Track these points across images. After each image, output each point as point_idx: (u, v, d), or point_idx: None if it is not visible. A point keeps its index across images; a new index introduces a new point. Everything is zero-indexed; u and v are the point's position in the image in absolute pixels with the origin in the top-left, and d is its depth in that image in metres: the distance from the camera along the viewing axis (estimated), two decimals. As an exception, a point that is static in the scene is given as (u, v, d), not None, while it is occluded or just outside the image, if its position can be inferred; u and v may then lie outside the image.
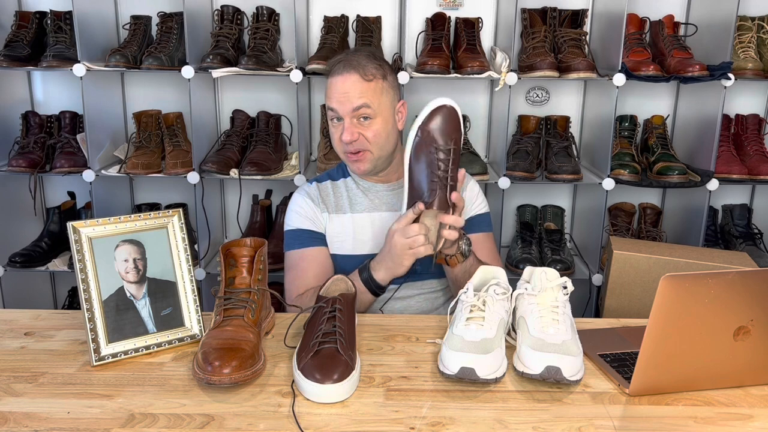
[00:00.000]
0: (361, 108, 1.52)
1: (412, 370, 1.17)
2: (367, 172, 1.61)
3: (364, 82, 1.54)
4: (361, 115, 1.53)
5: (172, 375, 1.15)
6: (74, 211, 2.53)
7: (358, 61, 1.56)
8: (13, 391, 1.09)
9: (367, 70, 1.54)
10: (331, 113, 1.57)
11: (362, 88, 1.53)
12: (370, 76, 1.54)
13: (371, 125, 1.54)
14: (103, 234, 1.22)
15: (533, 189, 2.58)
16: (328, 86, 1.58)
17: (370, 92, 1.54)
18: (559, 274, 1.23)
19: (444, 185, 1.38)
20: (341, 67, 1.55)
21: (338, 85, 1.54)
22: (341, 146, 1.57)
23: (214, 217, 2.49)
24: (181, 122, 2.43)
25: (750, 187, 2.58)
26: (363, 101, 1.52)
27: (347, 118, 1.53)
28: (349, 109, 1.53)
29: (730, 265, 1.66)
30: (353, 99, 1.52)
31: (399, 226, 1.43)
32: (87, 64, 2.19)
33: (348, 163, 1.61)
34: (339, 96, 1.53)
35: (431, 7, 2.44)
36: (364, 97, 1.53)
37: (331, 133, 1.60)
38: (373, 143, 1.55)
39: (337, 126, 1.57)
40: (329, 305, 1.18)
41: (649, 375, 1.07)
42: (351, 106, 1.52)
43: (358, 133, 1.53)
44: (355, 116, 1.53)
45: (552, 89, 2.53)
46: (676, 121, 2.53)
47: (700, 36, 2.37)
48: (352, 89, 1.53)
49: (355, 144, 1.54)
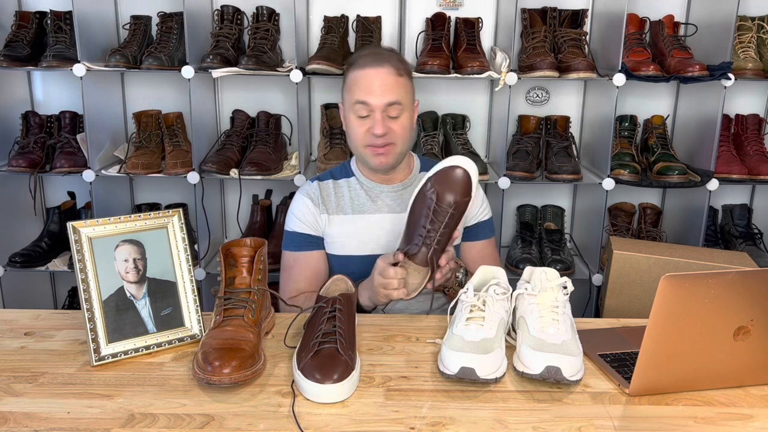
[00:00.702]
0: (393, 103, 1.54)
1: (412, 370, 1.17)
2: (389, 167, 1.61)
3: (395, 77, 1.55)
4: (391, 111, 1.54)
5: (172, 375, 1.15)
6: (74, 211, 2.53)
7: (389, 55, 1.57)
8: (13, 391, 1.09)
9: (398, 66, 1.56)
10: (359, 107, 1.55)
11: (394, 83, 1.55)
12: (401, 72, 1.56)
13: (399, 120, 1.56)
14: (103, 234, 1.22)
15: (533, 189, 2.58)
16: (354, 79, 1.56)
17: (400, 87, 1.56)
18: (559, 274, 1.23)
19: (429, 244, 1.36)
20: (371, 61, 1.56)
21: (370, 78, 1.54)
22: (366, 140, 1.56)
23: (214, 217, 2.49)
24: (181, 122, 2.43)
25: (750, 187, 2.58)
26: (396, 97, 1.54)
27: (378, 112, 1.53)
28: (383, 103, 1.53)
29: (730, 265, 1.66)
30: (387, 93, 1.53)
31: (382, 264, 1.42)
32: (87, 64, 2.19)
33: (370, 158, 1.59)
34: (373, 89, 1.53)
35: (431, 7, 2.44)
36: (396, 93, 1.54)
37: (353, 128, 1.58)
38: (400, 137, 1.57)
39: (362, 120, 1.56)
40: (329, 305, 1.18)
41: (649, 375, 1.07)
42: (385, 101, 1.53)
43: (388, 127, 1.54)
44: (386, 111, 1.54)
45: (552, 89, 2.53)
46: (676, 121, 2.53)
47: (700, 36, 2.37)
48: (386, 83, 1.53)
49: (385, 137, 1.54)
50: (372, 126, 1.54)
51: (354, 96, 1.56)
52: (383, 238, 1.61)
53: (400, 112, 1.56)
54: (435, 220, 1.35)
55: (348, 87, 1.59)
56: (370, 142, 1.56)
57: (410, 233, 1.39)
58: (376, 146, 1.56)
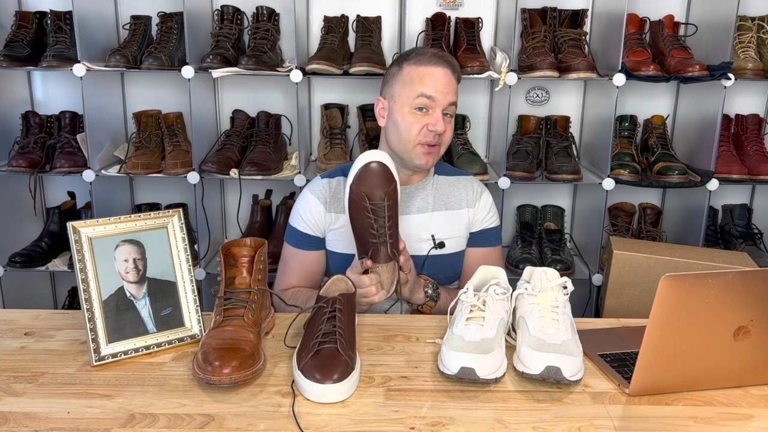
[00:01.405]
0: (452, 105, 1.57)
1: (412, 370, 1.17)
2: (429, 168, 1.63)
3: (454, 82, 1.59)
4: (448, 112, 1.58)
5: (172, 375, 1.15)
6: (74, 211, 2.53)
7: (450, 58, 1.60)
8: (13, 391, 1.09)
9: (458, 69, 1.61)
10: (422, 100, 1.54)
11: (455, 86, 1.59)
12: (458, 77, 1.61)
13: (450, 124, 1.60)
14: (103, 234, 1.22)
15: (533, 189, 2.58)
16: (417, 74, 1.56)
17: (456, 93, 1.60)
18: (559, 274, 1.23)
19: (384, 241, 1.39)
20: (436, 59, 1.57)
21: (438, 76, 1.55)
22: (418, 136, 1.55)
23: (214, 217, 2.49)
24: (181, 122, 2.43)
25: (750, 187, 2.58)
26: (455, 98, 1.58)
27: (439, 110, 1.55)
28: (446, 102, 1.56)
29: (730, 265, 1.66)
30: (450, 94, 1.56)
31: (354, 276, 1.43)
32: (87, 64, 2.19)
33: (418, 155, 1.57)
34: (441, 87, 1.55)
35: (431, 7, 2.44)
36: (456, 95, 1.59)
37: (407, 122, 1.56)
38: (447, 140, 1.61)
39: (419, 116, 1.55)
40: (329, 305, 1.18)
41: (649, 375, 1.07)
42: (448, 101, 1.56)
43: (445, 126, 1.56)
44: (445, 111, 1.56)
45: (552, 89, 2.53)
46: (676, 121, 2.52)
47: (700, 36, 2.37)
48: (450, 85, 1.57)
49: (440, 137, 1.56)
50: (431, 123, 1.54)
51: (417, 89, 1.54)
52: None
53: (452, 116, 1.60)
54: (377, 218, 1.38)
55: (407, 81, 1.57)
56: (424, 140, 1.55)
57: (363, 240, 1.41)
58: (429, 144, 1.56)
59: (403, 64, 1.59)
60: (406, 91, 1.56)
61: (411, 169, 1.63)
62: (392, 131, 1.60)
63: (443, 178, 1.71)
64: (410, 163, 1.60)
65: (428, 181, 1.69)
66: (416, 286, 1.53)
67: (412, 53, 1.61)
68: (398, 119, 1.57)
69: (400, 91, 1.57)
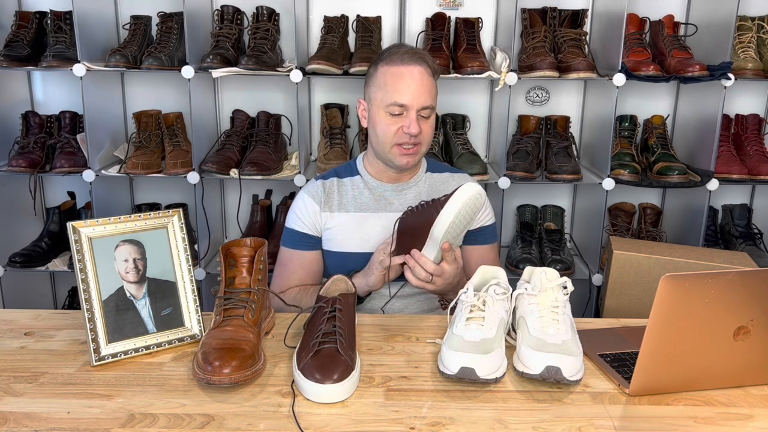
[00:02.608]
0: (427, 108, 1.55)
1: (412, 370, 1.17)
2: (411, 167, 1.62)
3: (430, 78, 1.56)
4: (424, 114, 1.55)
5: (172, 375, 1.15)
6: (74, 211, 2.53)
7: (423, 54, 1.57)
8: (13, 391, 1.09)
9: (433, 66, 1.57)
10: (394, 107, 1.53)
11: (430, 85, 1.55)
12: (434, 72, 1.57)
13: (429, 122, 1.57)
14: (103, 234, 1.22)
15: (533, 189, 2.58)
16: (390, 76, 1.54)
17: (434, 89, 1.57)
18: (559, 274, 1.23)
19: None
20: (408, 58, 1.54)
21: (408, 76, 1.53)
22: (395, 138, 1.55)
23: (214, 217, 2.49)
24: (181, 122, 2.43)
25: (750, 187, 2.58)
26: (431, 100, 1.55)
27: (413, 113, 1.53)
28: (420, 104, 1.53)
29: (730, 265, 1.66)
30: (424, 95, 1.53)
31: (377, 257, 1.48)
32: (87, 64, 2.19)
33: (396, 156, 1.58)
34: (411, 88, 1.52)
35: (431, 7, 2.44)
36: (431, 95, 1.55)
37: (383, 124, 1.56)
38: (427, 138, 1.58)
39: (394, 118, 1.54)
40: (329, 305, 1.18)
41: (649, 375, 1.07)
42: (422, 103, 1.53)
43: (419, 127, 1.54)
44: (420, 112, 1.54)
45: (552, 89, 2.53)
46: (676, 121, 2.52)
47: (700, 36, 2.37)
48: (423, 84, 1.54)
49: (417, 137, 1.55)
50: (405, 125, 1.53)
51: (389, 95, 1.53)
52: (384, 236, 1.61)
53: (430, 115, 1.57)
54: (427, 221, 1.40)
55: (380, 83, 1.55)
56: (400, 141, 1.55)
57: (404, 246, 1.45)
58: (406, 145, 1.55)
59: (378, 64, 1.58)
60: (381, 95, 1.55)
61: (395, 168, 1.62)
62: (372, 132, 1.62)
63: (436, 176, 1.71)
64: (391, 164, 1.61)
65: (420, 179, 1.69)
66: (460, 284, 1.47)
67: (386, 53, 1.59)
68: (375, 121, 1.58)
69: (375, 94, 1.57)
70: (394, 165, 1.60)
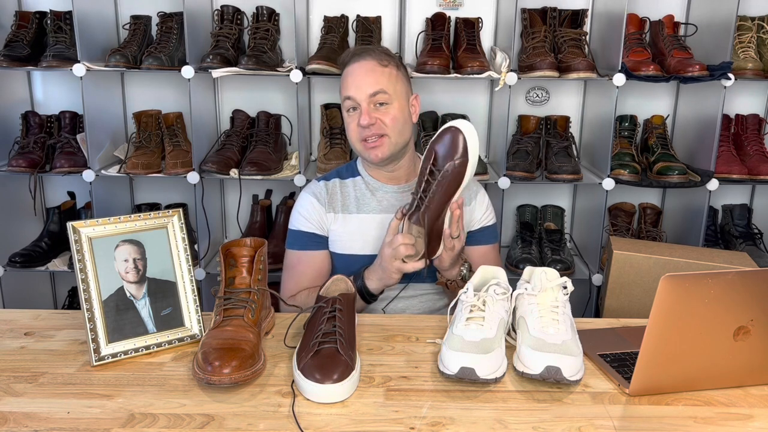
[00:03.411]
0: (378, 94, 1.54)
1: (412, 370, 1.16)
2: (385, 160, 1.59)
3: (379, 67, 1.56)
4: (378, 101, 1.55)
5: (172, 375, 1.15)
6: (74, 211, 2.53)
7: (372, 49, 1.59)
8: (13, 391, 1.09)
9: (381, 57, 1.57)
10: (348, 102, 1.57)
11: (378, 74, 1.55)
12: (385, 62, 1.57)
13: (388, 110, 1.56)
14: (103, 234, 1.22)
15: (533, 189, 2.58)
16: (343, 77, 1.59)
17: (385, 78, 1.56)
18: (559, 274, 1.23)
19: (421, 205, 1.39)
20: (356, 57, 1.58)
21: (354, 72, 1.56)
22: (358, 134, 1.56)
23: (214, 217, 2.49)
24: (181, 122, 2.43)
25: (750, 187, 2.58)
26: (380, 87, 1.54)
27: (364, 104, 1.54)
28: (366, 94, 1.54)
29: (730, 265, 1.66)
30: (370, 84, 1.54)
31: (387, 238, 1.45)
32: (87, 64, 2.19)
33: (365, 152, 1.59)
34: (356, 82, 1.55)
35: (431, 7, 2.44)
36: (380, 83, 1.55)
37: (347, 125, 1.60)
38: (391, 128, 1.56)
39: (353, 115, 1.57)
40: (329, 305, 1.18)
41: (649, 375, 1.07)
42: (368, 92, 1.54)
43: (375, 118, 1.54)
44: (372, 102, 1.55)
45: (552, 89, 2.53)
46: (676, 121, 2.53)
47: (700, 36, 2.37)
48: (369, 75, 1.55)
49: (373, 128, 1.54)
50: (359, 119, 1.54)
51: (343, 93, 1.59)
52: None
53: (388, 101, 1.55)
54: (430, 180, 1.38)
55: (341, 86, 1.61)
56: (362, 136, 1.56)
57: (414, 189, 1.43)
58: (368, 140, 1.56)
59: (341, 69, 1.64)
60: (341, 95, 1.60)
61: (373, 165, 1.63)
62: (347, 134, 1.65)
63: None
64: (366, 160, 1.63)
65: None
66: (457, 261, 1.51)
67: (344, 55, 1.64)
68: (345, 123, 1.62)
69: (342, 94, 1.61)
70: (367, 161, 1.62)
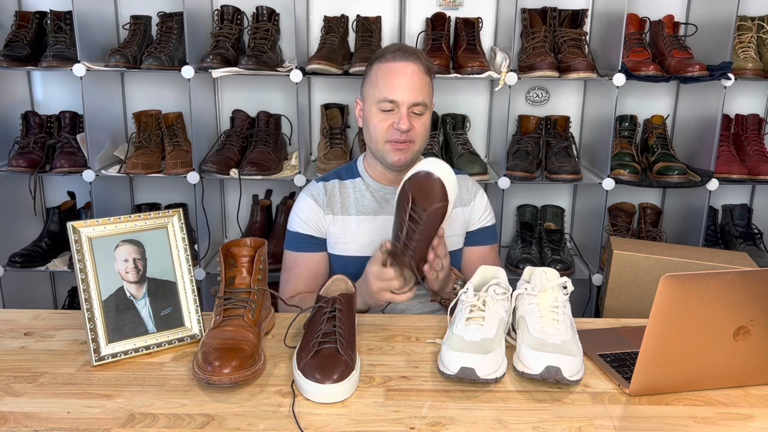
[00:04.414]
0: (420, 104, 1.53)
1: (412, 370, 1.17)
2: (405, 164, 1.57)
3: (424, 75, 1.55)
4: (416, 110, 1.54)
5: (172, 375, 1.15)
6: (74, 211, 2.53)
7: (418, 52, 1.57)
8: (13, 391, 1.09)
9: (427, 64, 1.56)
10: (386, 104, 1.53)
11: (423, 82, 1.54)
12: (428, 70, 1.56)
13: (422, 119, 1.55)
14: (103, 234, 1.22)
15: (533, 189, 2.58)
16: (382, 72, 1.54)
17: (427, 88, 1.55)
18: (559, 274, 1.23)
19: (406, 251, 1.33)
20: (400, 55, 1.54)
21: (399, 72, 1.52)
22: (387, 134, 1.54)
23: (214, 217, 2.49)
24: (181, 122, 2.43)
25: (750, 187, 2.58)
26: (424, 97, 1.54)
27: (405, 108, 1.52)
28: (411, 100, 1.52)
29: (730, 265, 1.66)
30: (416, 92, 1.52)
31: (374, 267, 1.40)
32: (87, 64, 2.19)
33: (388, 153, 1.56)
34: (403, 83, 1.52)
35: (431, 7, 2.44)
36: (424, 92, 1.54)
37: (376, 121, 1.55)
38: (420, 136, 1.56)
39: (386, 114, 1.54)
40: (329, 305, 1.18)
41: (649, 375, 1.07)
42: (413, 98, 1.52)
43: (412, 124, 1.53)
44: (413, 109, 1.53)
45: (552, 89, 2.53)
46: (676, 121, 2.53)
47: (700, 36, 2.37)
48: (416, 81, 1.53)
49: (408, 134, 1.53)
50: (396, 121, 1.52)
51: (380, 91, 1.53)
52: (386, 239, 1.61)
53: (424, 111, 1.55)
54: (412, 225, 1.32)
55: (373, 81, 1.56)
56: (392, 138, 1.54)
57: (394, 235, 1.38)
58: (398, 142, 1.54)
59: (373, 63, 1.59)
60: (373, 91, 1.56)
61: (390, 168, 1.61)
62: (365, 130, 1.62)
63: None
64: (384, 161, 1.60)
65: None
66: (448, 279, 1.50)
67: (380, 51, 1.61)
68: (368, 118, 1.58)
69: (368, 91, 1.58)
70: (387, 162, 1.59)
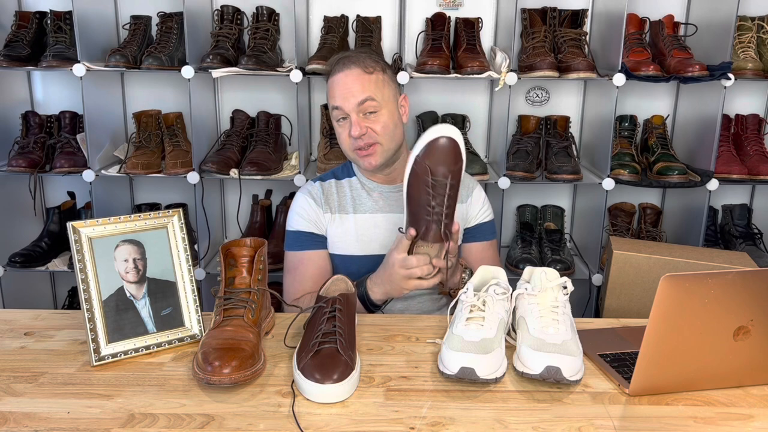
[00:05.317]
0: (365, 102, 1.52)
1: (412, 370, 1.17)
2: (379, 167, 1.58)
3: (365, 75, 1.54)
4: (366, 110, 1.53)
5: (172, 375, 1.15)
6: (74, 211, 2.53)
7: (356, 56, 1.57)
8: (13, 391, 1.09)
9: (366, 64, 1.55)
10: (336, 113, 1.55)
11: (364, 82, 1.53)
12: (370, 69, 1.55)
13: (378, 118, 1.54)
14: (103, 234, 1.22)
15: (533, 189, 2.58)
16: (330, 87, 1.57)
17: (372, 85, 1.54)
18: (559, 274, 1.23)
19: (438, 220, 1.35)
20: (341, 65, 1.56)
21: (340, 82, 1.54)
22: (350, 144, 1.56)
23: (214, 217, 2.49)
24: (181, 122, 2.43)
25: (750, 187, 2.58)
26: (367, 94, 1.52)
27: (353, 114, 1.53)
28: (354, 104, 1.52)
29: (730, 265, 1.66)
30: (357, 93, 1.52)
31: (398, 255, 1.41)
32: (87, 64, 2.19)
33: (358, 160, 1.59)
34: (343, 92, 1.53)
35: (431, 7, 2.44)
36: (367, 91, 1.52)
37: (338, 134, 1.58)
38: (382, 135, 1.54)
39: (343, 125, 1.56)
40: (329, 305, 1.18)
41: (649, 375, 1.07)
42: (356, 101, 1.52)
43: (366, 127, 1.53)
44: (361, 111, 1.53)
45: (552, 89, 2.53)
46: (676, 121, 2.53)
47: (700, 36, 2.37)
48: (355, 84, 1.52)
49: (365, 138, 1.53)
50: (350, 130, 1.53)
51: (331, 102, 1.57)
52: (385, 238, 1.61)
53: (377, 109, 1.53)
54: (437, 195, 1.34)
55: (329, 95, 1.60)
56: (354, 146, 1.55)
57: (418, 216, 1.37)
58: (360, 149, 1.55)
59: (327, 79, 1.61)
60: (330, 105, 1.59)
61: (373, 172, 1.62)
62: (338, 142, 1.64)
63: None
64: (361, 168, 1.62)
65: None
66: (456, 269, 1.51)
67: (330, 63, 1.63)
68: (335, 131, 1.61)
69: (330, 104, 1.60)
70: (363, 168, 1.62)
